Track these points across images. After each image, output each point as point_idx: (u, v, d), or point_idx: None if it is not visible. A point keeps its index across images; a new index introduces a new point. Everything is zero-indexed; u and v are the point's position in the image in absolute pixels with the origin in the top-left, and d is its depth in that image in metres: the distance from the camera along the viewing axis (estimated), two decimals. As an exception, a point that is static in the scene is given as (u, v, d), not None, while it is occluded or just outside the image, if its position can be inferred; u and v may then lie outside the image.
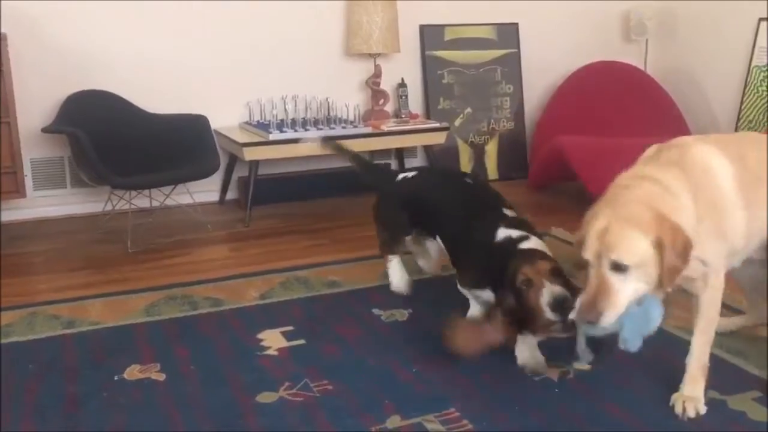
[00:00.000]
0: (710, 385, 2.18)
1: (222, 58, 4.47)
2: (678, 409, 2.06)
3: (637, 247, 1.84)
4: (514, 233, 2.43)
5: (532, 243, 2.40)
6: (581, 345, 2.10)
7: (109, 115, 4.04)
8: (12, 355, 2.47)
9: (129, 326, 2.72)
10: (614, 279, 1.86)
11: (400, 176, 2.99)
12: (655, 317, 1.94)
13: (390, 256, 2.98)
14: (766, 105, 4.56)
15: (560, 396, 2.17)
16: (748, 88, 4.68)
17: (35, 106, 4.03)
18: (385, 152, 4.90)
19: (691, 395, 2.09)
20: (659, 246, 1.83)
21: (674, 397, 2.11)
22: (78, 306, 2.90)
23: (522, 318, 2.28)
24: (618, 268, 1.86)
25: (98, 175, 3.59)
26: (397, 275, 2.97)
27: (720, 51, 4.92)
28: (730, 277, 2.27)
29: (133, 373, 2.35)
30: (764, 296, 2.48)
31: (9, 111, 3.68)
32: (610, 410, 2.08)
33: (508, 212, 2.62)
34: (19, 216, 4.15)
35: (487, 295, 2.47)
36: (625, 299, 1.87)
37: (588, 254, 1.92)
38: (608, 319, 1.86)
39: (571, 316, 1.97)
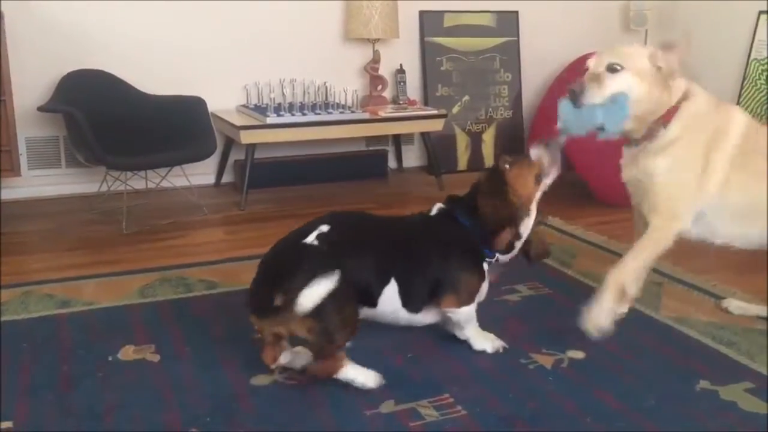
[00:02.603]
0: (702, 376, 2.20)
1: (220, 41, 4.45)
2: (583, 327, 2.31)
3: (637, 54, 2.28)
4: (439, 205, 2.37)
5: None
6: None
7: (106, 95, 4.02)
8: (6, 333, 2.47)
9: (123, 307, 2.71)
10: (606, 75, 2.26)
11: (311, 239, 2.14)
12: (621, 112, 2.26)
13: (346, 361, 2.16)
14: (764, 98, 4.56)
15: (554, 384, 2.18)
16: (746, 81, 4.68)
17: (31, 84, 4.00)
18: (382, 139, 4.90)
19: (596, 314, 2.30)
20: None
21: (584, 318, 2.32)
22: (72, 286, 2.90)
23: (507, 208, 2.24)
24: (612, 69, 2.25)
25: (94, 156, 3.57)
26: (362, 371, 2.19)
27: (719, 43, 4.91)
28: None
29: (127, 353, 2.35)
30: None
31: (5, 89, 3.65)
32: (603, 398, 2.09)
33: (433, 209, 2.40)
34: (13, 195, 4.13)
35: (485, 285, 2.33)
36: (608, 89, 2.25)
37: (592, 67, 2.32)
38: (590, 95, 2.24)
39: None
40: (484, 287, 2.34)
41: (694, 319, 2.62)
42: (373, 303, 2.21)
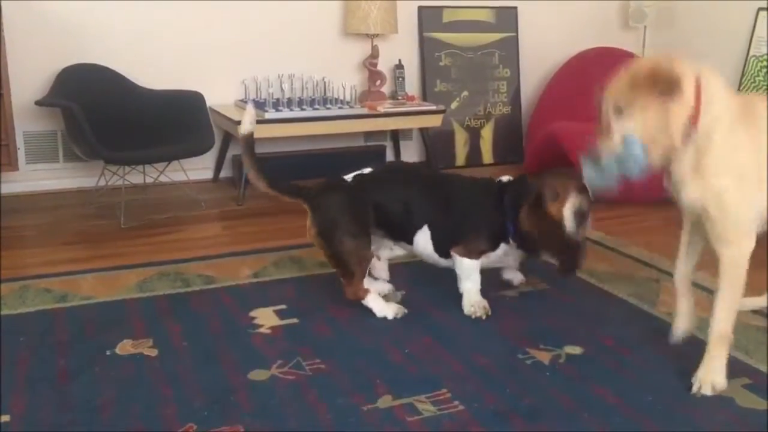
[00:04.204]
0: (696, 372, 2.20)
1: (219, 35, 4.44)
2: (695, 389, 2.09)
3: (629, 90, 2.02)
4: (507, 177, 2.68)
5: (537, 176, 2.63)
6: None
7: (104, 90, 4.01)
8: (3, 328, 2.46)
9: (121, 301, 2.71)
10: (613, 120, 2.06)
11: (351, 176, 2.68)
12: (636, 154, 2.05)
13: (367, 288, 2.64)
14: (764, 95, 4.56)
15: (551, 379, 2.18)
16: (745, 77, 4.68)
17: (29, 78, 3.99)
18: (380, 134, 4.90)
19: (707, 371, 2.10)
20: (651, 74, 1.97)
21: (696, 380, 2.11)
22: (70, 280, 2.89)
23: (543, 232, 2.50)
24: (618, 111, 2.05)
25: (92, 150, 3.57)
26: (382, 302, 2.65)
27: (718, 40, 4.91)
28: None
29: (125, 347, 2.35)
30: None
31: (2, 84, 3.63)
32: (600, 394, 2.10)
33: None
34: (11, 189, 4.13)
35: (495, 256, 2.65)
36: (617, 138, 2.05)
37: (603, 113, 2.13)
38: (605, 153, 2.07)
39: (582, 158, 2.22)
40: (495, 257, 2.65)
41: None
42: (409, 240, 2.67)
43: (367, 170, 2.69)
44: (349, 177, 2.68)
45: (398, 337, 2.44)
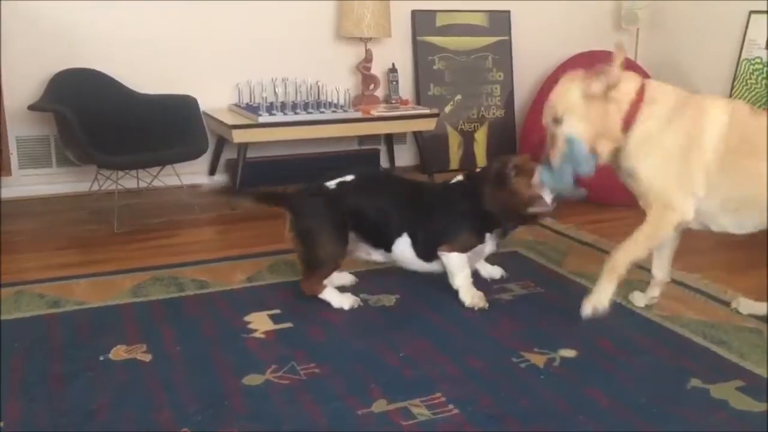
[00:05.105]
0: (694, 374, 2.21)
1: (212, 39, 4.44)
2: (582, 310, 2.46)
3: (567, 97, 2.37)
4: (462, 174, 2.82)
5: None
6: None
7: (97, 94, 4.00)
8: (-3, 333, 2.46)
9: (115, 306, 2.70)
10: (556, 130, 2.40)
11: (333, 183, 2.75)
12: (582, 154, 2.37)
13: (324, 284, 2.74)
14: (754, 98, 4.58)
15: (546, 382, 2.18)
16: (737, 81, 4.70)
17: (22, 83, 3.98)
18: (374, 138, 4.90)
19: (594, 294, 2.45)
20: (586, 77, 2.35)
21: (584, 303, 2.47)
22: (63, 285, 2.88)
23: (508, 205, 2.62)
24: (557, 121, 2.39)
25: (85, 155, 3.56)
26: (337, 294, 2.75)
27: (710, 43, 4.93)
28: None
29: (118, 353, 2.34)
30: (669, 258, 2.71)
31: (-5, 88, 3.64)
32: (594, 396, 2.10)
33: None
34: (4, 194, 4.11)
35: (489, 248, 2.78)
36: (562, 143, 2.38)
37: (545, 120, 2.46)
38: (554, 159, 2.41)
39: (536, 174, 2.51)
40: (481, 249, 2.75)
41: (686, 317, 2.63)
42: (388, 248, 2.74)
43: (349, 177, 2.76)
44: (331, 183, 2.74)
45: (393, 340, 2.44)
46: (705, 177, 2.32)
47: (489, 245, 2.78)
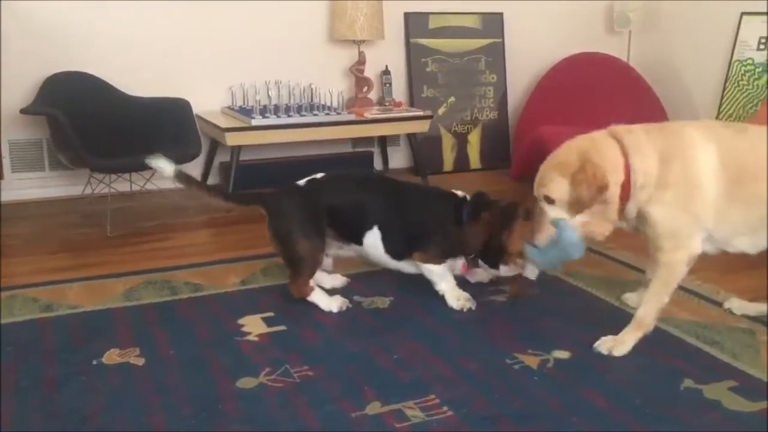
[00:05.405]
0: (687, 374, 2.21)
1: (205, 42, 4.44)
2: (596, 345, 2.37)
3: (557, 186, 2.27)
4: (462, 193, 2.77)
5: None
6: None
7: (90, 97, 3.99)
8: (-11, 337, 2.45)
9: (108, 310, 2.70)
10: (546, 208, 2.33)
11: (303, 181, 2.78)
12: (571, 240, 2.31)
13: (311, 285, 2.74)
14: (746, 99, 4.60)
15: (540, 383, 2.19)
16: (729, 82, 4.72)
17: (14, 87, 3.98)
18: (368, 140, 4.90)
19: (622, 339, 2.36)
20: (573, 182, 2.23)
21: (604, 339, 2.38)
22: (56, 289, 2.88)
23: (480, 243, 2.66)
24: (548, 200, 2.31)
25: (77, 158, 3.55)
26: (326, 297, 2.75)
27: (702, 45, 4.95)
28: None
29: (111, 357, 2.34)
30: None
31: (-13, 91, 3.63)
32: (588, 397, 2.10)
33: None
34: (-4, 198, 4.11)
35: (459, 262, 2.79)
36: (550, 225, 2.31)
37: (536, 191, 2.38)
38: (539, 240, 2.35)
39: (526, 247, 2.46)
40: (455, 262, 2.77)
41: (679, 318, 2.63)
42: (359, 241, 2.72)
43: (319, 175, 2.78)
44: (302, 182, 2.77)
45: (386, 342, 2.44)
46: (713, 213, 2.27)
47: (461, 260, 2.79)
